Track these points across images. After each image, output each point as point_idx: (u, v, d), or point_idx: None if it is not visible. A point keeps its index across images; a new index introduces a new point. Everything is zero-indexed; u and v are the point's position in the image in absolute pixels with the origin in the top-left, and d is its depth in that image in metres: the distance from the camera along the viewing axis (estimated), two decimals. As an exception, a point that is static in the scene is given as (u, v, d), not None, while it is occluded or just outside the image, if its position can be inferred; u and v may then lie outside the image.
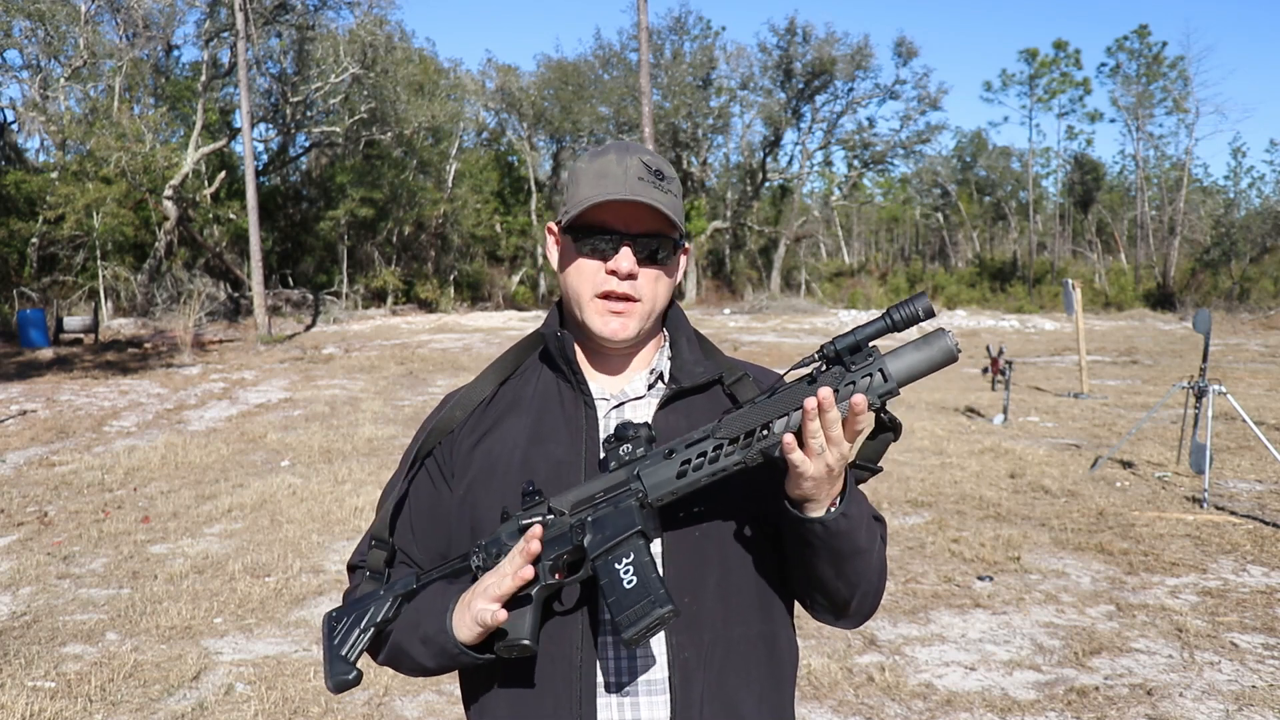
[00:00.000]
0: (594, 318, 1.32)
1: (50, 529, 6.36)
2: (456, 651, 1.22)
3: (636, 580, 1.16)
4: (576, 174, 1.33)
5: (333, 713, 3.74)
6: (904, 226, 55.99)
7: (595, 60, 38.54)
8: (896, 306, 1.13)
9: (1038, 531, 6.12)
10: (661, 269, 1.33)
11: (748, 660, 1.28)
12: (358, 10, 27.98)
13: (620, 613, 1.15)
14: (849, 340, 1.15)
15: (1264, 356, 18.40)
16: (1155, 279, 37.88)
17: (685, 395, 1.36)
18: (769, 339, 22.20)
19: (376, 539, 1.37)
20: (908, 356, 1.16)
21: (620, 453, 1.23)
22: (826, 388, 1.13)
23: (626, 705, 1.25)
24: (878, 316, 1.15)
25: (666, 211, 1.28)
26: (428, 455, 1.41)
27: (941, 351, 1.15)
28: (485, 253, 37.73)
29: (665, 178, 1.31)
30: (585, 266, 1.32)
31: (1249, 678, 3.95)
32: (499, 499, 1.31)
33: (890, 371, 1.15)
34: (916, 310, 1.13)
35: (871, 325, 1.15)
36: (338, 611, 1.33)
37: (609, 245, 1.30)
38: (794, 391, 1.18)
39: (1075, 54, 41.84)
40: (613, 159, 1.30)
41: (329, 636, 1.30)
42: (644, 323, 1.33)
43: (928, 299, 1.14)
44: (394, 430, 9.94)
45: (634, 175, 1.28)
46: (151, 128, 24.18)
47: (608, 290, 1.30)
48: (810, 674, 4.00)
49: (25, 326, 18.71)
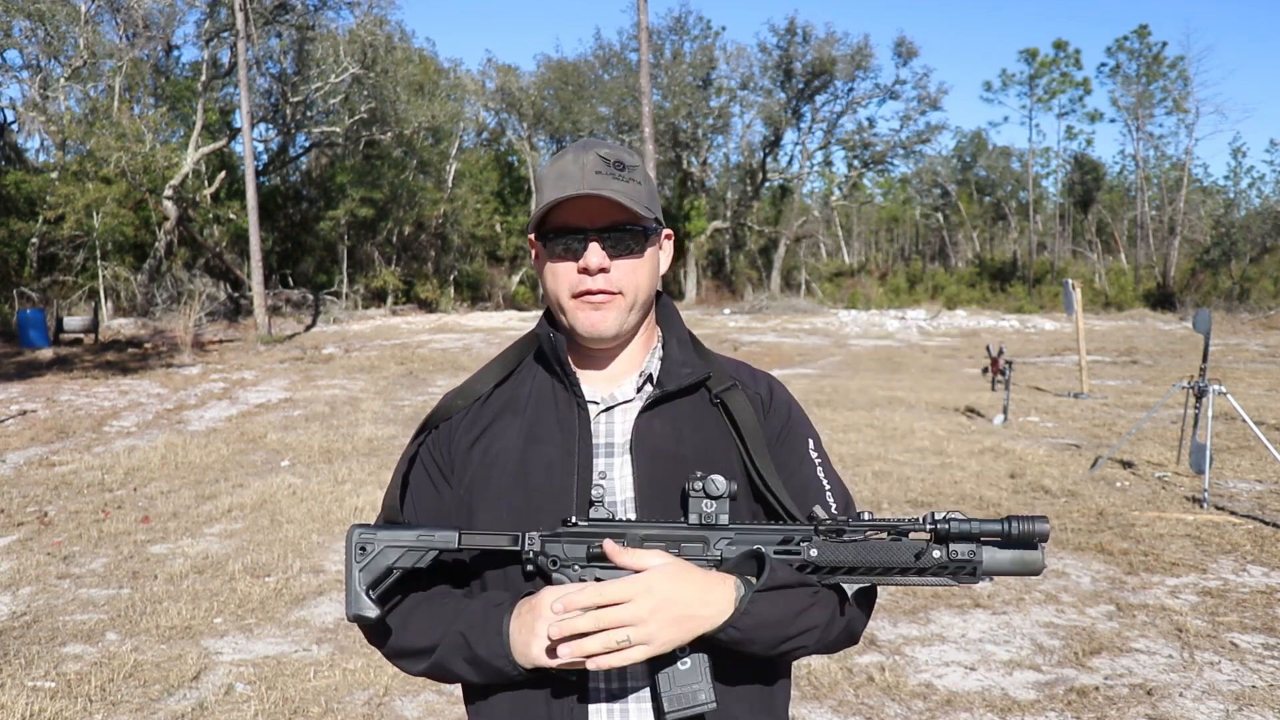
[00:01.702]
0: (574, 316, 1.32)
1: (50, 529, 6.36)
2: (517, 675, 1.21)
3: (691, 664, 1.18)
4: (540, 180, 1.34)
5: (333, 713, 3.74)
6: (904, 226, 55.99)
7: (595, 60, 38.56)
8: (1017, 519, 1.17)
9: (1038, 531, 6.11)
10: (635, 258, 1.32)
11: (740, 666, 1.27)
12: (358, 10, 28.03)
13: (670, 688, 1.17)
14: (963, 528, 1.18)
15: (1264, 356, 18.41)
16: (1155, 279, 37.87)
17: (670, 399, 1.35)
18: (769, 339, 22.21)
19: (390, 520, 1.38)
20: (1001, 559, 1.20)
21: (704, 507, 1.23)
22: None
23: (616, 711, 1.25)
24: (997, 521, 1.18)
25: (626, 201, 1.27)
26: (432, 430, 1.41)
27: (1031, 566, 1.20)
28: (485, 253, 37.75)
29: (625, 167, 1.30)
30: (558, 269, 1.32)
31: (1249, 678, 3.95)
32: (496, 499, 1.31)
33: (982, 570, 1.19)
34: (1033, 529, 1.17)
35: (989, 525, 1.18)
36: (366, 532, 1.28)
37: (578, 244, 1.29)
38: (891, 549, 1.20)
39: (1075, 54, 41.86)
40: (570, 158, 1.30)
41: (354, 560, 1.26)
42: (624, 315, 1.33)
43: (1047, 524, 1.18)
44: (394, 430, 9.94)
45: (590, 170, 1.27)
46: (151, 128, 24.19)
47: (584, 289, 1.30)
48: (810, 674, 4.00)
49: (25, 326, 18.71)
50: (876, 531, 1.21)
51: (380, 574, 1.25)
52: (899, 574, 1.20)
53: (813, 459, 1.39)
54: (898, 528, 1.20)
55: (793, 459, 1.37)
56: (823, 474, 1.38)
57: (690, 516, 1.23)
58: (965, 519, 1.18)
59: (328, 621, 4.67)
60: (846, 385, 13.73)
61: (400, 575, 1.26)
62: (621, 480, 1.32)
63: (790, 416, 1.41)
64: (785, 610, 1.18)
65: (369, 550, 1.25)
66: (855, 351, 19.74)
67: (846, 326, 25.88)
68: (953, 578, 1.19)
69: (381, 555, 1.25)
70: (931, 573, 1.19)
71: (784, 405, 1.41)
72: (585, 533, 1.22)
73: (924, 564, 1.18)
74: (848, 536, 1.21)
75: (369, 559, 1.25)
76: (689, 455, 1.31)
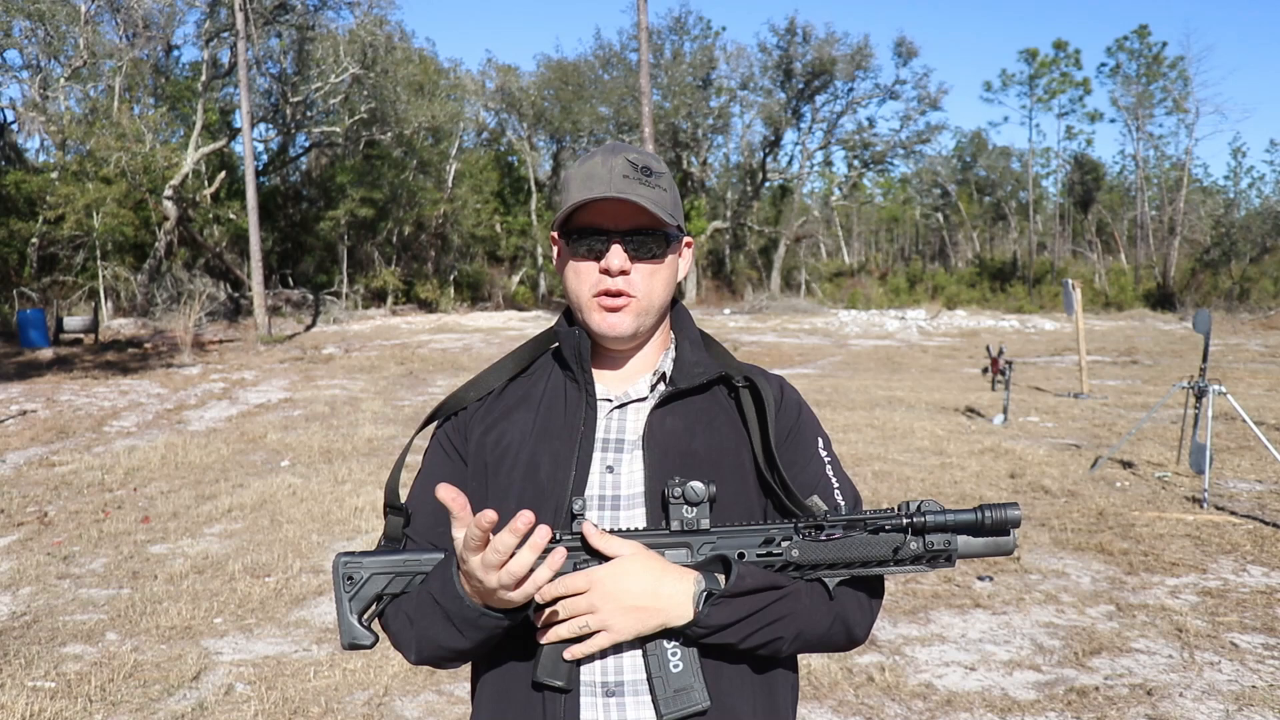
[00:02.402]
0: (592, 315, 1.34)
1: (50, 529, 6.36)
2: (478, 615, 1.20)
3: (683, 666, 1.22)
4: (566, 179, 1.35)
5: (333, 713, 3.74)
6: (904, 226, 55.98)
7: (595, 60, 38.55)
8: (989, 507, 1.21)
9: (1038, 531, 6.12)
10: (655, 263, 1.34)
11: (739, 661, 1.28)
12: (358, 10, 28.01)
13: (664, 690, 1.21)
14: (939, 520, 1.22)
15: (1264, 356, 18.41)
16: (1155, 279, 37.87)
17: (683, 396, 1.37)
18: (769, 339, 22.21)
19: (390, 506, 1.40)
20: (976, 544, 1.25)
21: (684, 513, 1.25)
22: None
23: (613, 706, 1.26)
24: (971, 511, 1.22)
25: (651, 207, 1.29)
26: (444, 421, 1.44)
27: (1003, 548, 1.25)
28: (485, 253, 37.74)
29: (653, 174, 1.32)
30: (581, 268, 1.34)
31: (1249, 678, 3.95)
32: (505, 490, 1.34)
33: (957, 557, 1.24)
34: (1005, 517, 1.21)
35: (963, 515, 1.22)
36: (352, 560, 1.28)
37: (601, 244, 1.32)
38: (870, 544, 1.23)
39: (1075, 54, 41.85)
40: (599, 160, 1.31)
41: (342, 591, 1.27)
42: (641, 318, 1.35)
43: (1019, 511, 1.22)
44: (394, 430, 9.94)
45: (619, 174, 1.29)
46: (151, 128, 24.19)
47: (604, 289, 1.32)
48: (810, 674, 4.00)
49: (25, 326, 18.70)
50: (854, 525, 1.24)
51: (370, 601, 1.27)
52: (877, 565, 1.24)
53: (822, 458, 1.41)
54: (876, 521, 1.24)
55: (802, 457, 1.39)
56: (831, 472, 1.40)
57: (672, 523, 1.25)
58: (940, 511, 1.22)
59: (328, 621, 4.67)
60: (846, 385, 13.74)
61: (390, 600, 1.29)
62: (632, 475, 1.34)
63: (800, 416, 1.43)
64: (750, 609, 1.21)
65: (356, 579, 1.27)
66: (855, 351, 19.74)
67: (846, 326, 25.88)
68: (930, 565, 1.23)
69: (370, 583, 1.27)
70: (909, 563, 1.23)
71: (794, 405, 1.44)
72: (572, 547, 1.24)
73: (902, 556, 1.23)
74: (826, 533, 1.24)
75: (357, 588, 1.26)
76: (700, 452, 1.34)
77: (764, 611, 1.22)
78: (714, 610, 1.19)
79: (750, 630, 1.22)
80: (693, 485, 1.24)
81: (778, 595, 1.23)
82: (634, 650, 1.26)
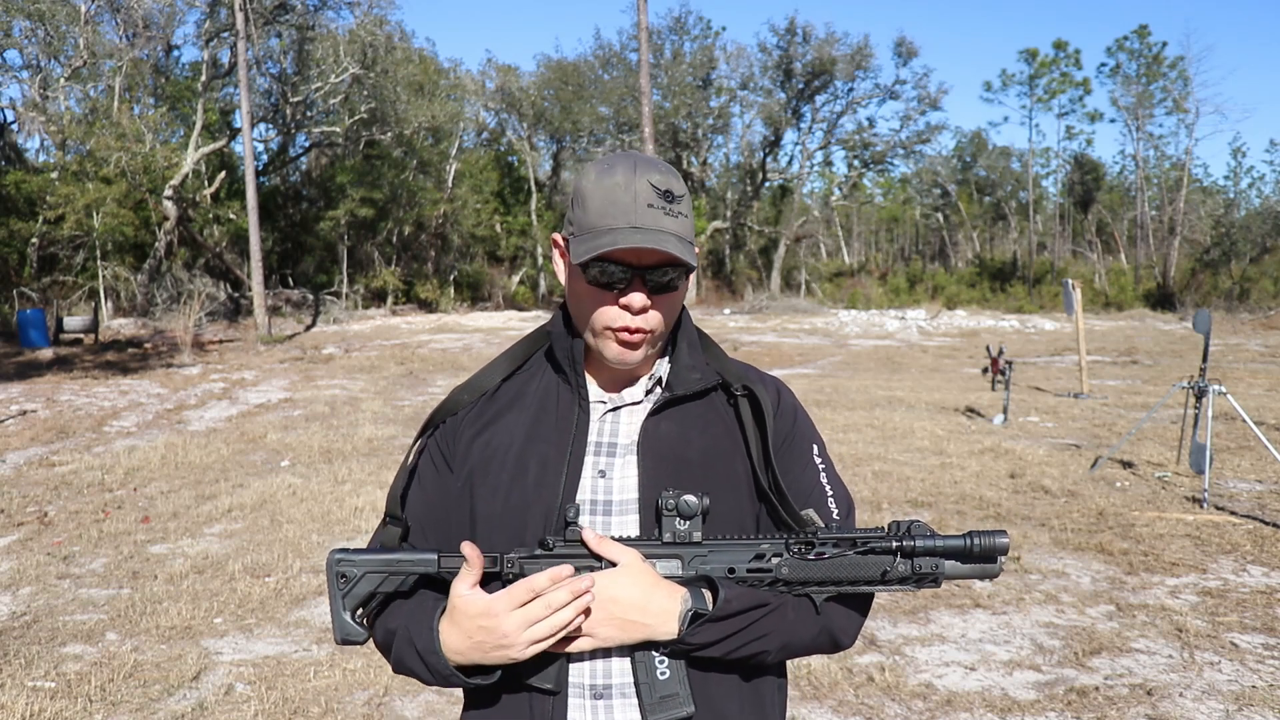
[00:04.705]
0: (606, 345, 1.31)
1: (50, 529, 6.36)
2: (449, 673, 1.24)
3: (670, 674, 1.24)
4: (583, 194, 1.26)
5: (333, 713, 3.74)
6: (904, 226, 55.97)
7: (595, 60, 38.55)
8: (978, 534, 1.23)
9: (1038, 531, 6.12)
10: (674, 294, 1.31)
11: (727, 667, 1.28)
12: (358, 10, 28.00)
13: (650, 696, 1.23)
14: (929, 545, 1.23)
15: (1264, 356, 18.41)
16: (1155, 279, 37.86)
17: (679, 402, 1.36)
18: (769, 339, 22.21)
19: (390, 515, 1.39)
20: (962, 568, 1.26)
21: (676, 525, 1.25)
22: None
23: (600, 708, 1.26)
24: (960, 538, 1.24)
25: (677, 251, 1.23)
26: (434, 430, 1.43)
27: (989, 572, 1.26)
28: (485, 253, 37.72)
29: (675, 198, 1.25)
30: (597, 296, 1.28)
31: (1249, 678, 3.95)
32: (494, 492, 1.32)
33: (943, 579, 1.26)
34: (994, 544, 1.23)
35: (952, 542, 1.23)
36: (346, 558, 1.29)
37: (621, 277, 1.25)
38: (859, 565, 1.25)
39: (1075, 54, 41.83)
40: (620, 181, 1.23)
41: (335, 588, 1.29)
42: (653, 347, 1.33)
43: (1007, 538, 1.24)
44: (394, 430, 9.94)
45: (643, 202, 1.22)
46: (151, 128, 24.18)
47: (623, 325, 1.28)
48: (810, 674, 4.00)
49: (25, 326, 18.70)
50: (845, 544, 1.25)
51: (363, 598, 1.28)
52: (865, 584, 1.26)
53: (816, 464, 1.40)
54: (868, 542, 1.24)
55: (796, 465, 1.38)
56: (825, 479, 1.39)
57: (664, 534, 1.25)
58: (930, 535, 1.24)
59: (328, 622, 4.66)
60: (846, 385, 13.73)
61: (383, 598, 1.30)
62: (624, 481, 1.32)
63: (796, 421, 1.42)
64: (735, 628, 1.22)
65: (349, 576, 1.28)
66: (855, 351, 19.74)
67: (846, 326, 25.87)
68: (917, 586, 1.25)
69: (363, 581, 1.28)
70: (897, 584, 1.25)
71: (790, 410, 1.42)
72: (564, 555, 1.24)
73: (890, 577, 1.24)
74: (816, 551, 1.25)
75: (351, 585, 1.28)
76: (694, 459, 1.32)
77: (749, 629, 1.23)
78: (699, 630, 1.20)
79: (735, 646, 1.23)
80: (686, 499, 1.24)
81: (764, 612, 1.23)
82: (622, 655, 1.26)
